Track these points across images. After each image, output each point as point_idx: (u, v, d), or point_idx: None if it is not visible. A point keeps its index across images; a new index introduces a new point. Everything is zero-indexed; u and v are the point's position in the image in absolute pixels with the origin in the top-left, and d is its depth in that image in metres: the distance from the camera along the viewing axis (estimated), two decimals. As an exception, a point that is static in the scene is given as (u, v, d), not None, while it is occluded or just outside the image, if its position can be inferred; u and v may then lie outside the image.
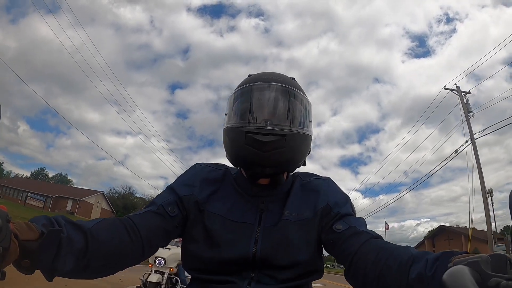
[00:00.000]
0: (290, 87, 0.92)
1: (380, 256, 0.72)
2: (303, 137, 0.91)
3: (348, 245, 0.82)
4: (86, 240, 0.69)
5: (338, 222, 0.89)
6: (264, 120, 0.87)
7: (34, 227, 0.61)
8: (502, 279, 0.41)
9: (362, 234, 0.83)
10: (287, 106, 0.91)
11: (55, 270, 0.63)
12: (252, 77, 0.97)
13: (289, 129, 0.88)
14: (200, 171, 1.00)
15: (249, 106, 0.91)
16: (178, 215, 0.90)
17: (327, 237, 0.89)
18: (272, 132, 0.85)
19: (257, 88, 0.91)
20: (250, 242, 0.87)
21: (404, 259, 0.65)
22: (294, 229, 0.89)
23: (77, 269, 0.68)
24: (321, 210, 0.92)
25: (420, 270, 0.60)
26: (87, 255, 0.69)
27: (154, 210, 0.87)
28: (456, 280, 0.42)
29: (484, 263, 0.45)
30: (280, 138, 0.85)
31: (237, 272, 0.85)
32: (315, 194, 0.97)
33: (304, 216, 0.92)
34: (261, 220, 0.91)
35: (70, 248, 0.65)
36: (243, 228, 0.89)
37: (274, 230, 0.88)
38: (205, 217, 0.90)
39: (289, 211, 0.92)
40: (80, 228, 0.70)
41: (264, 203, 0.94)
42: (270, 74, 0.96)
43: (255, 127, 0.86)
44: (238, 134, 0.88)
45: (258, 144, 0.84)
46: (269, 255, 0.85)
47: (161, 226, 0.86)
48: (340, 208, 0.92)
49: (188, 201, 0.92)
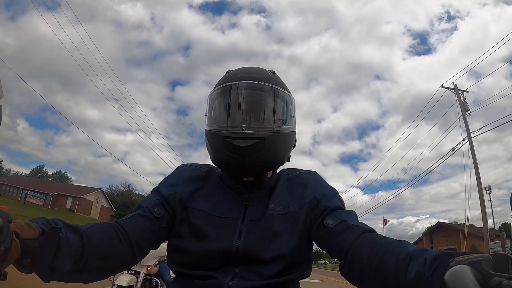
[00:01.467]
0: (266, 84, 0.90)
1: (375, 250, 0.71)
2: (284, 136, 0.90)
3: (340, 240, 0.81)
4: (82, 242, 0.71)
5: (329, 217, 0.86)
6: (241, 123, 0.86)
7: (34, 226, 0.63)
8: (503, 279, 0.41)
9: (355, 228, 0.81)
10: (265, 105, 0.89)
11: (54, 270, 0.64)
12: (229, 74, 0.94)
13: (267, 130, 0.86)
14: (183, 171, 1.00)
15: (225, 108, 0.90)
16: (164, 215, 0.90)
17: (318, 232, 0.87)
18: (249, 135, 0.84)
19: (232, 88, 0.89)
20: (233, 236, 0.86)
21: (401, 256, 0.64)
22: (279, 222, 0.88)
23: (74, 271, 0.69)
24: (308, 203, 0.91)
25: (419, 270, 0.59)
26: (84, 256, 0.70)
27: (141, 213, 0.88)
28: (458, 279, 0.42)
29: (486, 262, 0.44)
30: (258, 142, 0.84)
31: (220, 268, 0.85)
32: (302, 187, 0.95)
33: (290, 209, 0.91)
34: (245, 215, 0.90)
35: (68, 248, 0.67)
36: (227, 223, 0.88)
37: (258, 224, 0.88)
38: (189, 213, 0.90)
39: (274, 205, 0.91)
40: (76, 230, 0.71)
41: (249, 199, 0.93)
42: (247, 70, 0.93)
43: (232, 131, 0.85)
44: (216, 139, 0.88)
45: (236, 149, 0.84)
46: (252, 248, 0.84)
47: (149, 228, 0.87)
48: (328, 201, 0.90)
49: (173, 200, 0.92)
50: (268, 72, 0.95)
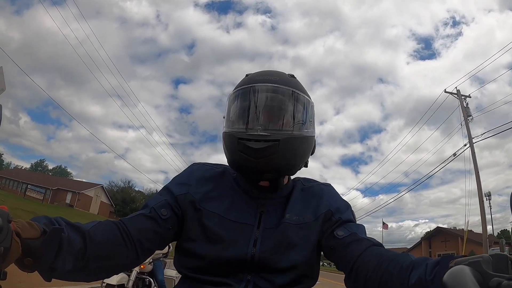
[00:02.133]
0: (285, 87, 0.89)
1: (381, 262, 0.72)
2: (301, 140, 0.89)
3: (349, 252, 0.81)
4: (84, 241, 0.70)
5: (339, 228, 0.88)
6: (257, 125, 0.85)
7: (36, 226, 0.62)
8: (503, 279, 0.41)
9: (363, 241, 0.82)
10: (281, 108, 0.89)
11: (55, 269, 0.64)
12: (248, 78, 0.93)
13: (283, 133, 0.85)
14: (196, 170, 0.97)
15: (243, 110, 0.89)
16: (171, 217, 0.87)
17: (327, 242, 0.88)
18: (264, 138, 0.83)
19: (250, 91, 0.89)
20: (249, 242, 0.85)
21: (405, 265, 0.66)
22: (294, 232, 0.87)
23: (75, 270, 0.68)
24: (323, 215, 0.91)
25: (420, 275, 0.60)
26: (86, 256, 0.69)
27: (146, 213, 0.86)
28: (457, 279, 0.42)
29: (486, 263, 0.45)
30: (273, 144, 0.83)
31: (232, 274, 0.83)
32: (317, 199, 0.95)
33: (305, 220, 0.90)
34: (260, 221, 0.89)
35: (70, 248, 0.66)
36: (242, 229, 0.87)
37: (274, 232, 0.87)
38: (202, 215, 0.88)
39: (290, 215, 0.90)
40: (78, 229, 0.71)
41: (264, 205, 0.92)
42: (266, 73, 0.93)
43: (247, 133, 0.85)
44: (231, 140, 0.87)
45: (250, 151, 0.83)
46: (268, 257, 0.84)
47: (153, 229, 0.85)
48: (341, 214, 0.91)
49: (184, 200, 0.90)
50: (287, 75, 0.94)
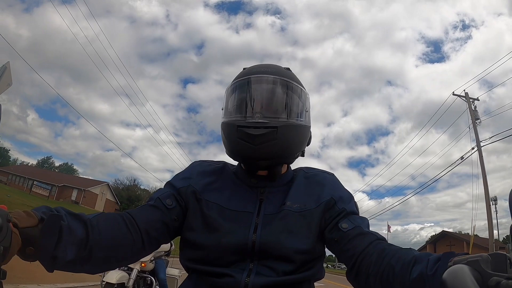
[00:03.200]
0: (282, 77, 0.92)
1: (384, 256, 0.72)
2: (297, 128, 0.91)
3: (353, 245, 0.81)
4: (86, 230, 0.70)
5: (344, 221, 0.87)
6: (255, 113, 0.87)
7: (33, 214, 0.62)
8: (502, 278, 0.41)
9: (368, 235, 0.82)
10: (279, 97, 0.91)
11: (56, 258, 0.63)
12: (245, 70, 0.97)
13: (280, 121, 0.88)
14: (197, 166, 1.01)
15: (241, 100, 0.92)
16: (176, 207, 0.90)
17: (331, 235, 0.87)
18: (263, 125, 0.85)
19: (248, 82, 0.92)
20: (249, 229, 0.85)
21: (407, 260, 0.66)
22: (295, 219, 0.88)
23: (78, 260, 0.68)
24: (325, 203, 0.91)
25: (422, 270, 0.60)
26: (88, 245, 0.69)
27: (151, 203, 0.88)
28: (456, 278, 0.42)
29: (484, 262, 0.44)
30: (271, 131, 0.85)
31: (234, 263, 0.83)
32: (319, 186, 0.95)
33: (307, 207, 0.90)
34: (260, 209, 0.89)
35: (71, 237, 0.66)
36: (242, 217, 0.88)
37: (274, 218, 0.87)
38: (203, 205, 0.90)
39: (291, 202, 0.90)
40: (80, 218, 0.70)
41: (264, 193, 0.93)
42: (263, 66, 0.96)
43: (246, 120, 0.87)
44: (231, 128, 0.89)
45: (249, 137, 0.85)
46: (269, 242, 0.84)
47: (159, 219, 0.86)
48: (345, 204, 0.91)
49: (186, 192, 0.92)
50: (283, 68, 0.97)
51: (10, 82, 0.76)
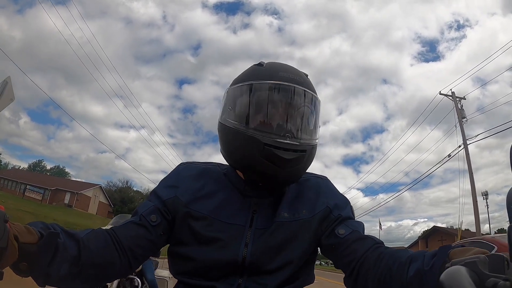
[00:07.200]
0: (312, 92, 0.85)
1: (381, 259, 0.72)
2: (316, 148, 0.88)
3: (352, 250, 0.79)
4: (79, 248, 0.70)
5: (340, 226, 0.84)
6: (286, 133, 0.80)
7: (33, 231, 0.63)
8: (499, 279, 0.41)
9: (366, 239, 0.80)
10: (310, 117, 0.85)
11: (49, 275, 0.64)
12: (269, 71, 0.84)
13: (310, 143, 0.83)
14: (183, 170, 0.94)
15: (268, 111, 0.81)
16: (161, 222, 0.84)
17: (327, 241, 0.85)
18: (293, 147, 0.79)
19: (277, 90, 0.82)
20: (240, 245, 0.81)
21: (403, 260, 0.66)
22: (288, 230, 0.84)
23: (70, 276, 0.68)
24: (321, 213, 0.88)
25: (418, 267, 0.60)
26: (80, 263, 0.69)
27: (136, 221, 0.83)
28: (454, 280, 0.42)
29: (482, 263, 0.44)
30: (301, 155, 0.80)
31: (223, 277, 0.81)
32: (313, 194, 0.91)
33: (301, 216, 0.87)
34: (252, 221, 0.85)
35: (66, 254, 0.67)
36: (233, 230, 0.83)
37: (266, 233, 0.84)
38: (191, 217, 0.85)
39: (284, 211, 0.86)
40: (73, 236, 0.71)
41: (257, 204, 0.87)
42: (288, 70, 0.85)
43: (276, 139, 0.78)
44: (253, 144, 0.79)
45: (279, 160, 0.78)
46: (259, 259, 0.81)
47: (144, 237, 0.82)
48: (340, 210, 0.89)
49: (172, 204, 0.86)
50: (305, 75, 0.89)
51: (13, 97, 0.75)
